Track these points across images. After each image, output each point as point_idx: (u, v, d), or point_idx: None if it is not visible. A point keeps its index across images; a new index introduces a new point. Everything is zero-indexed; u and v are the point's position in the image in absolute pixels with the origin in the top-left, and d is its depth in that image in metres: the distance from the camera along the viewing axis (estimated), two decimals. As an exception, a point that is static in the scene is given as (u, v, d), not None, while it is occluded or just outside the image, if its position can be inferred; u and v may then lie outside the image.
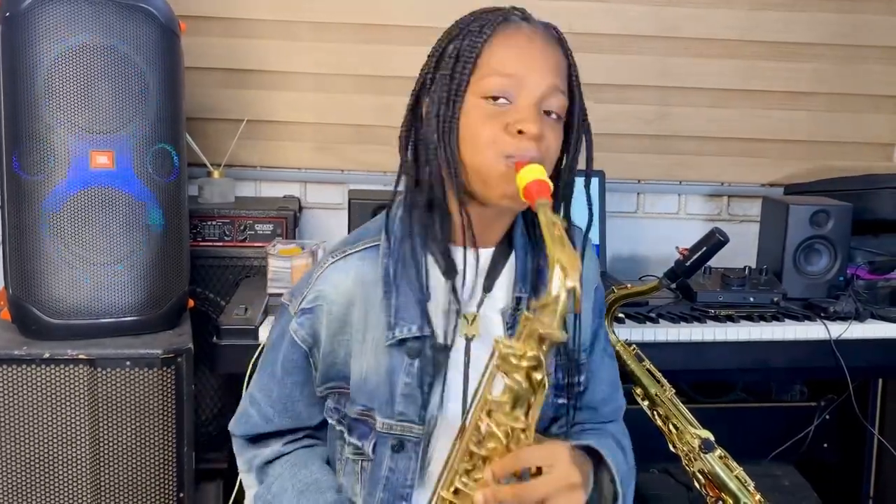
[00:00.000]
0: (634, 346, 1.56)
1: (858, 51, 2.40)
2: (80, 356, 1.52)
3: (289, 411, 1.18)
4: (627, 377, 1.53)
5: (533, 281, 1.12)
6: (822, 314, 1.90)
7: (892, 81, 2.43)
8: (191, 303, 1.75)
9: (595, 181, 2.17)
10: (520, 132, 1.00)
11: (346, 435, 1.13)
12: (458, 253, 1.08)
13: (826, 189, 2.23)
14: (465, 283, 1.08)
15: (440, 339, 1.07)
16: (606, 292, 1.55)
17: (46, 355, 1.52)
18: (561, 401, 1.15)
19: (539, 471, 0.93)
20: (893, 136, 2.48)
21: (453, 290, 1.07)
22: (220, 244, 2.01)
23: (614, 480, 1.08)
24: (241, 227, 2.02)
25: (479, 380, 0.98)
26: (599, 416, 1.21)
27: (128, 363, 1.54)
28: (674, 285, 1.50)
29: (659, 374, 1.53)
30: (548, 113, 1.03)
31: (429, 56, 1.11)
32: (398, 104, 2.41)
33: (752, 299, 1.95)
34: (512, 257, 1.13)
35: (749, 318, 1.88)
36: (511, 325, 1.10)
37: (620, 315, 1.78)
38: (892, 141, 2.48)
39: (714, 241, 1.42)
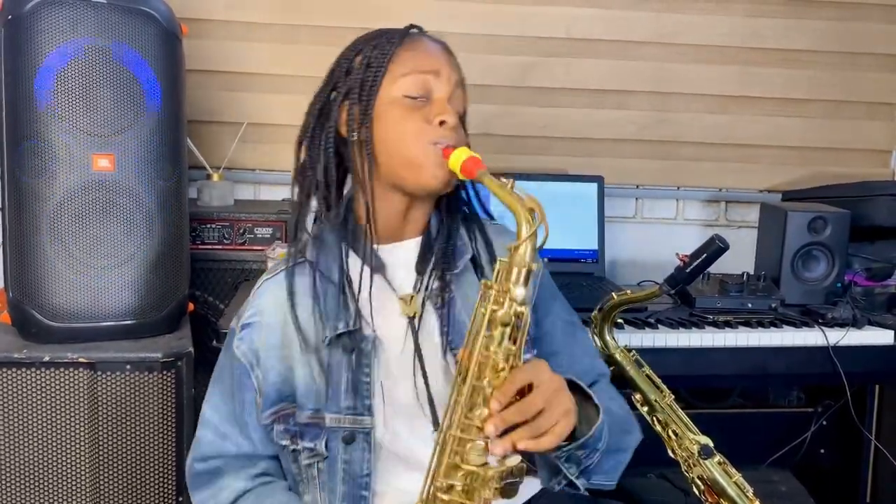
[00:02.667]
0: (634, 351, 1.56)
1: (856, 58, 2.41)
2: (80, 359, 1.52)
3: (244, 431, 1.22)
4: (626, 383, 1.54)
5: (446, 260, 1.22)
6: (820, 320, 1.91)
7: (889, 89, 2.44)
8: (191, 306, 1.74)
9: (593, 186, 2.21)
10: (441, 123, 1.14)
11: (299, 443, 1.17)
12: (382, 250, 1.21)
13: (823, 196, 2.24)
14: (396, 271, 1.20)
15: (371, 330, 1.16)
16: (606, 298, 1.56)
17: (46, 358, 1.51)
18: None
19: (530, 388, 1.01)
20: (890, 143, 2.49)
21: (386, 279, 1.19)
22: (220, 247, 2.01)
23: (594, 399, 1.13)
24: (241, 231, 2.01)
25: (471, 322, 1.06)
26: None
27: (128, 367, 1.53)
28: (673, 292, 1.51)
29: (658, 380, 1.54)
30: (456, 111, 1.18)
31: (331, 70, 1.25)
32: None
33: (750, 305, 1.96)
34: (438, 242, 1.23)
35: (747, 324, 1.89)
36: (440, 305, 1.19)
37: (619, 320, 1.79)
38: (889, 148, 2.49)
39: (714, 248, 1.42)
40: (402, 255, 1.22)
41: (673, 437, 1.48)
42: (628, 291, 1.55)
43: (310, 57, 2.25)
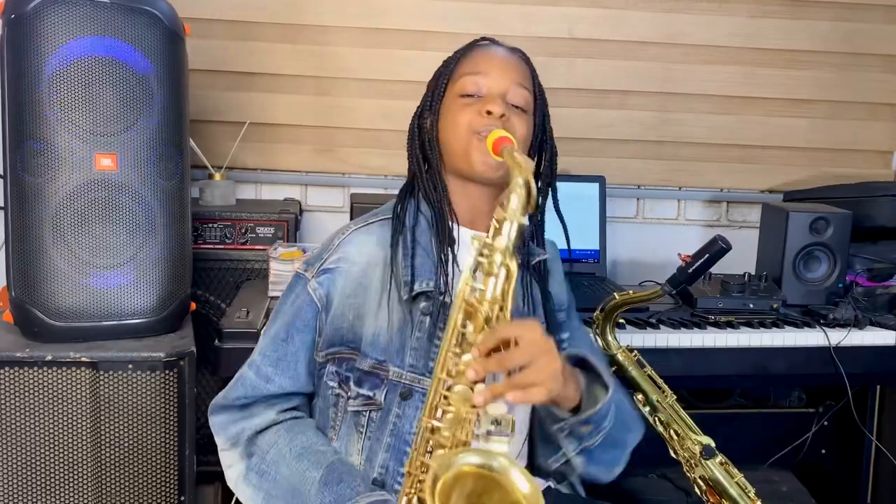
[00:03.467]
0: (635, 351, 1.56)
1: (858, 59, 2.41)
2: (83, 359, 1.52)
3: (291, 370, 1.26)
4: (628, 383, 1.54)
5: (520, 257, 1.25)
6: (822, 321, 1.90)
7: (890, 89, 2.44)
8: (193, 306, 1.74)
9: (595, 186, 2.21)
10: (488, 113, 1.23)
11: (352, 389, 1.21)
12: (457, 231, 1.28)
13: (825, 196, 2.24)
14: (464, 256, 1.21)
15: (447, 299, 1.20)
16: (608, 298, 1.56)
17: (49, 358, 1.51)
18: None
19: (517, 344, 1.04)
20: (892, 143, 2.49)
21: (453, 253, 1.25)
22: (221, 247, 2.01)
23: (603, 377, 1.19)
24: (242, 230, 2.02)
25: (465, 272, 1.10)
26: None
27: (130, 366, 1.54)
28: (675, 292, 1.51)
29: (660, 380, 1.54)
30: (515, 107, 1.27)
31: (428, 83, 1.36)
32: (399, 108, 2.44)
33: (751, 306, 1.95)
34: None
35: (749, 324, 1.89)
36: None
37: (621, 321, 1.79)
38: (891, 148, 2.49)
39: (716, 249, 1.42)
40: (465, 240, 1.26)
41: (675, 437, 1.48)
42: (630, 292, 1.55)
43: (312, 57, 2.26)
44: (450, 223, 1.27)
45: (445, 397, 1.06)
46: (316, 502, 1.14)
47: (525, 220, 1.06)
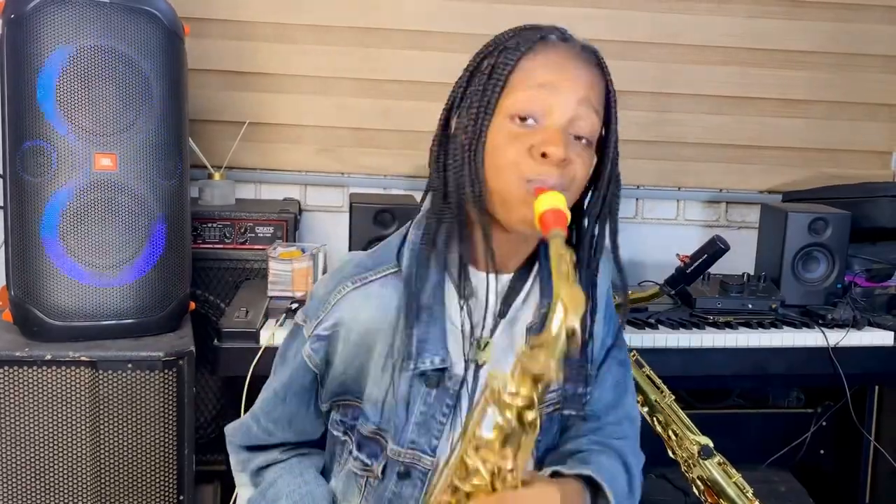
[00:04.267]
0: (634, 351, 1.56)
1: (856, 59, 2.41)
2: (82, 358, 1.52)
3: (293, 427, 1.17)
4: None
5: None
6: (820, 321, 1.91)
7: (889, 90, 2.44)
8: (192, 305, 1.75)
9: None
10: (543, 155, 0.94)
11: (353, 450, 1.12)
12: (477, 277, 1.05)
13: (824, 196, 2.25)
14: (488, 307, 1.05)
15: (457, 370, 1.05)
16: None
17: (48, 357, 1.51)
18: (568, 412, 1.11)
19: None
20: (890, 144, 2.49)
21: (469, 313, 1.03)
22: (221, 246, 2.01)
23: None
24: (242, 230, 2.02)
25: (469, 413, 0.94)
26: (604, 426, 1.17)
27: (129, 365, 1.54)
28: (674, 292, 1.51)
29: (658, 381, 1.54)
30: (578, 138, 0.98)
31: (463, 70, 1.04)
32: (398, 108, 2.44)
33: (750, 306, 1.96)
34: (528, 282, 1.09)
35: (747, 324, 1.89)
36: None
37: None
38: (889, 149, 2.50)
39: (715, 249, 1.43)
40: (493, 287, 1.06)
41: (673, 437, 1.48)
42: (629, 292, 1.55)
43: (312, 57, 2.26)
44: (468, 271, 1.04)
45: None
46: None
47: (556, 374, 0.85)
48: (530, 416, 0.86)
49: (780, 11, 2.36)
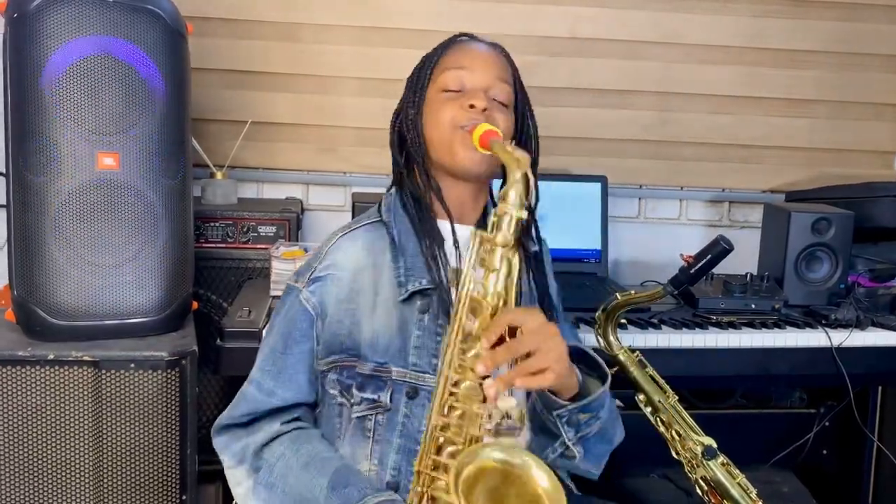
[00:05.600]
0: (637, 352, 1.56)
1: (860, 59, 2.41)
2: (85, 358, 1.52)
3: (292, 382, 1.26)
4: (630, 383, 1.54)
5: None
6: (823, 321, 1.90)
7: (893, 90, 2.44)
8: (195, 305, 1.74)
9: (597, 186, 2.21)
10: (470, 106, 1.24)
11: (356, 395, 1.21)
12: (442, 227, 1.28)
13: (827, 196, 2.24)
14: (457, 251, 1.25)
15: (446, 292, 1.21)
16: (610, 298, 1.55)
17: (51, 357, 1.51)
18: None
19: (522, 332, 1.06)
20: (894, 143, 2.49)
21: (443, 252, 1.25)
22: (223, 246, 2.01)
23: (602, 365, 1.23)
24: (244, 229, 2.02)
25: (466, 268, 1.11)
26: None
27: (132, 365, 1.53)
28: (677, 292, 1.50)
29: (662, 381, 1.53)
30: (495, 100, 1.28)
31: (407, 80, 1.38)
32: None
33: (753, 306, 1.95)
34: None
35: (750, 324, 1.89)
36: None
37: (623, 321, 1.79)
38: (893, 149, 2.49)
39: (719, 249, 1.42)
40: (461, 236, 1.26)
41: (676, 437, 1.48)
42: (632, 292, 1.55)
43: (314, 56, 2.26)
44: (435, 219, 1.28)
45: (453, 394, 1.06)
46: None
47: (524, 214, 1.08)
48: (512, 256, 1.08)
49: (784, 11, 2.36)
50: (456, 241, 1.26)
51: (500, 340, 1.06)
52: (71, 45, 1.49)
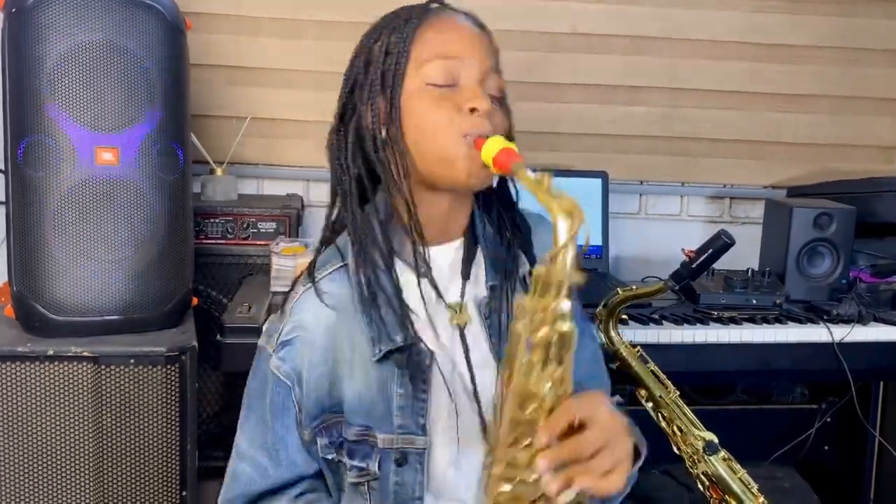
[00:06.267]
0: (639, 347, 1.56)
1: (862, 54, 2.40)
2: (84, 353, 1.52)
3: (285, 460, 1.12)
4: (631, 379, 1.53)
5: (506, 267, 1.13)
6: (825, 317, 1.90)
7: (894, 85, 2.43)
8: (194, 301, 1.74)
9: (598, 182, 2.20)
10: (472, 110, 1.02)
11: (346, 461, 1.09)
12: (427, 251, 1.09)
13: (829, 192, 2.24)
14: (441, 276, 1.10)
15: (429, 342, 1.07)
16: (611, 294, 1.55)
17: (50, 352, 1.51)
18: None
19: (581, 424, 0.90)
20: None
21: (433, 286, 1.08)
22: (223, 242, 2.01)
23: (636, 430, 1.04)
24: (244, 225, 2.01)
25: (508, 346, 0.94)
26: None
27: (132, 361, 1.53)
28: (678, 287, 1.50)
29: (663, 376, 1.53)
30: (490, 96, 1.05)
31: (351, 61, 1.12)
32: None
33: (754, 301, 1.95)
34: (479, 251, 1.14)
35: (752, 320, 1.88)
36: (488, 315, 1.11)
37: (624, 316, 1.78)
38: (895, 144, 2.48)
39: (720, 244, 1.42)
40: (447, 257, 1.12)
41: (677, 433, 1.48)
42: (633, 287, 1.54)
43: (314, 52, 2.25)
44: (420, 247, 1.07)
45: (502, 493, 0.93)
46: None
47: (582, 279, 0.89)
48: (565, 326, 0.88)
49: (786, 6, 2.35)
50: (424, 269, 1.08)
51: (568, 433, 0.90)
52: (69, 40, 1.49)
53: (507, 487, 0.93)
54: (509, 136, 1.08)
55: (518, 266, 1.14)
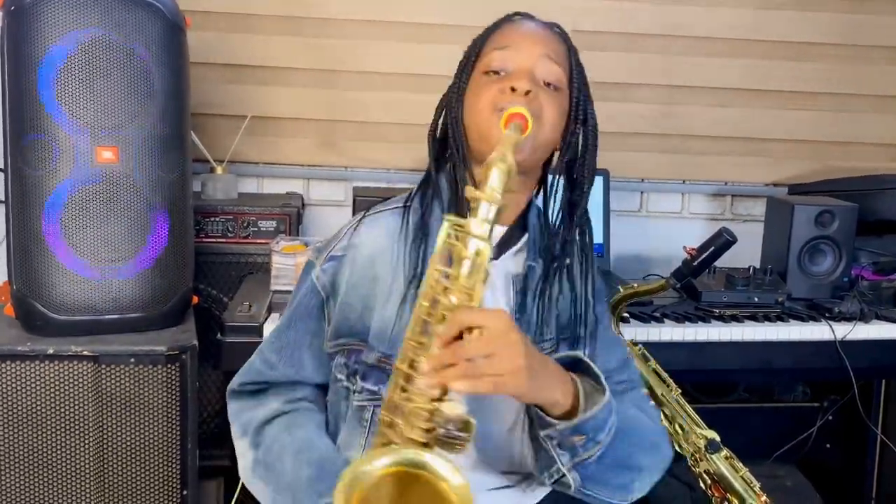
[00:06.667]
0: (640, 345, 1.55)
1: (864, 51, 2.39)
2: (85, 353, 1.52)
3: (293, 358, 1.22)
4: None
5: (545, 256, 1.19)
6: (827, 315, 1.90)
7: (897, 82, 2.43)
8: (195, 299, 1.74)
9: (599, 180, 2.19)
10: (512, 89, 1.11)
11: (358, 383, 1.16)
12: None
13: (830, 189, 2.23)
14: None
15: None
16: (613, 291, 1.54)
17: (50, 352, 1.51)
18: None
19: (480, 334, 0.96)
20: (898, 136, 2.48)
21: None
22: (224, 241, 2.01)
23: (602, 382, 1.07)
24: (245, 224, 2.01)
25: (433, 255, 1.01)
26: (613, 384, 1.16)
27: (132, 360, 1.53)
28: (679, 285, 1.50)
29: (665, 374, 1.53)
30: (545, 84, 1.15)
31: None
32: (402, 101, 2.42)
33: (756, 299, 1.95)
34: (525, 237, 1.20)
35: (753, 318, 1.88)
36: (521, 289, 1.17)
37: (626, 314, 1.78)
38: (897, 141, 2.48)
39: (722, 241, 1.41)
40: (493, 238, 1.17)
41: (680, 431, 1.47)
42: (635, 285, 1.54)
43: (314, 50, 2.25)
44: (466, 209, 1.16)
45: (405, 390, 0.98)
46: (308, 500, 1.11)
47: (500, 201, 0.97)
48: (481, 245, 0.97)
49: (788, 3, 2.35)
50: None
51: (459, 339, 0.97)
52: (69, 39, 1.49)
53: (405, 384, 0.98)
54: (567, 127, 1.18)
55: (565, 256, 1.19)
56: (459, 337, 0.96)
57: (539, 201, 1.25)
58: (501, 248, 1.18)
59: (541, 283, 1.18)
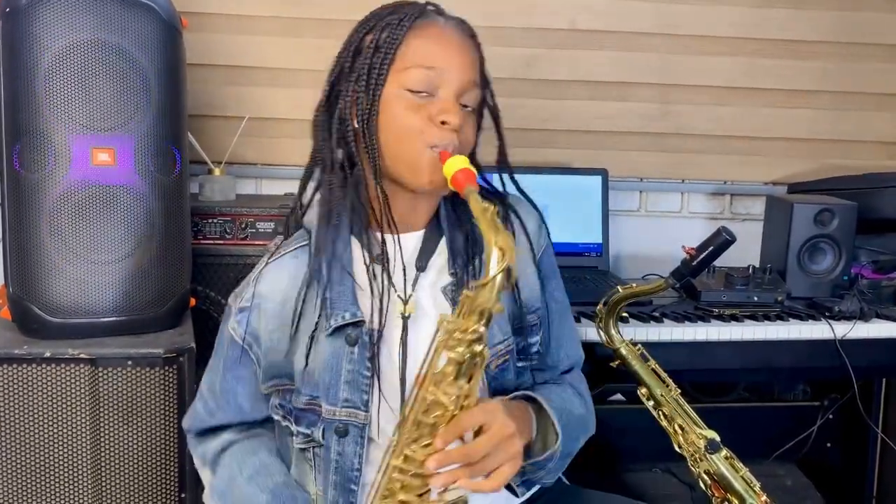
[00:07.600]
0: (639, 345, 1.55)
1: (863, 49, 2.39)
2: (81, 355, 1.51)
3: (231, 406, 1.24)
4: (632, 377, 1.52)
5: (466, 255, 1.19)
6: (827, 313, 1.89)
7: (895, 80, 2.42)
8: (192, 301, 1.73)
9: (597, 179, 2.19)
10: (443, 123, 1.09)
11: (293, 426, 1.18)
12: (387, 239, 1.17)
13: (830, 188, 2.23)
14: (395, 266, 1.17)
15: (374, 324, 1.14)
16: (611, 291, 1.54)
17: (47, 354, 1.50)
18: (521, 364, 1.24)
19: (481, 430, 1.02)
20: (897, 134, 2.47)
21: (386, 273, 1.15)
22: (221, 242, 2.00)
23: (555, 424, 1.15)
24: (243, 225, 2.00)
25: (425, 355, 1.02)
26: (559, 372, 1.32)
27: (129, 362, 1.52)
28: (679, 285, 1.49)
29: (664, 374, 1.52)
30: (465, 106, 1.14)
31: (344, 45, 1.20)
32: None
33: (755, 298, 1.94)
34: (443, 239, 1.21)
35: (753, 317, 1.87)
36: (454, 299, 1.17)
37: (625, 314, 1.77)
38: (896, 139, 2.48)
39: (721, 241, 1.41)
40: (406, 245, 1.20)
41: (679, 431, 1.47)
42: (634, 285, 1.53)
43: (312, 51, 2.24)
44: (380, 234, 1.16)
45: (397, 480, 1.02)
46: None
47: (502, 308, 0.99)
48: (479, 347, 0.98)
49: (785, 1, 2.34)
50: (383, 257, 1.16)
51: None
52: (65, 40, 1.48)
53: (399, 477, 1.01)
54: (474, 151, 1.19)
55: (478, 252, 1.19)
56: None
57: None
58: (424, 257, 1.20)
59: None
